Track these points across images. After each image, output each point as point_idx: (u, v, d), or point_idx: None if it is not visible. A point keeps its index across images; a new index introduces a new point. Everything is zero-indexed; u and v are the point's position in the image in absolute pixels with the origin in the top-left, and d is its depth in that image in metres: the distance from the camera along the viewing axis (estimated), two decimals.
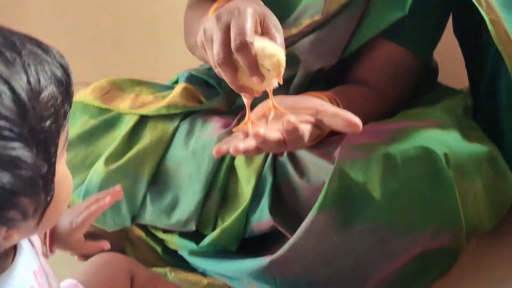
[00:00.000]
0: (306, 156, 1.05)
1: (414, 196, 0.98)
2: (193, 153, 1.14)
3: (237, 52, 0.87)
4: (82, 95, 1.25)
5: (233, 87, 0.92)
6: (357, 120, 0.90)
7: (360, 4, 1.15)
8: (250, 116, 0.97)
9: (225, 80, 0.92)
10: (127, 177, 1.15)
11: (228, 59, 0.89)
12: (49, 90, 0.64)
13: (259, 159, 1.10)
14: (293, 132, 0.88)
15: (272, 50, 0.88)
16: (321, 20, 1.15)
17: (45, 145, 0.63)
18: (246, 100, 0.96)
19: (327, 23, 1.16)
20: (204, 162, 1.13)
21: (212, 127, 1.16)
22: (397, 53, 1.19)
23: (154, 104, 1.22)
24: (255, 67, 0.87)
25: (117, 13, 2.00)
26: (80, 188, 1.16)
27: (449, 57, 1.39)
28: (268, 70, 0.87)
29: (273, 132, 0.90)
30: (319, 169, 1.03)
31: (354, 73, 1.21)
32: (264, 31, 0.92)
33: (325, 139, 1.05)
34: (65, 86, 0.66)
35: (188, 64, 1.53)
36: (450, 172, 0.99)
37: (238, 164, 1.12)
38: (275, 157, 1.09)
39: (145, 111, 1.20)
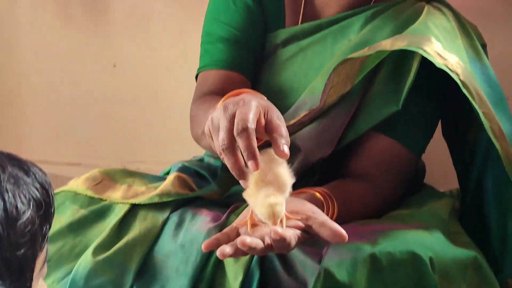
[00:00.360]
0: (294, 253, 1.06)
1: None
2: (182, 246, 1.14)
3: (237, 137, 0.90)
4: (74, 184, 1.26)
5: (234, 174, 0.94)
6: (343, 232, 0.93)
7: (357, 96, 1.20)
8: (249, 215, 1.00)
9: (228, 166, 0.94)
10: (115, 268, 1.14)
11: (231, 145, 0.92)
12: (26, 215, 0.61)
13: None
14: (280, 241, 0.90)
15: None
16: (318, 109, 1.19)
17: (20, 273, 0.61)
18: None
19: (325, 113, 1.21)
20: (192, 256, 1.12)
21: (202, 221, 1.17)
22: (392, 148, 1.22)
23: (147, 194, 1.23)
24: (252, 152, 0.90)
25: (111, 96, 2.04)
26: (66, 279, 1.15)
27: (437, 158, 1.43)
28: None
29: (260, 239, 0.92)
30: (306, 267, 1.04)
31: (349, 166, 1.24)
32: (267, 122, 0.95)
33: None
34: (45, 208, 0.64)
35: (179, 149, 1.55)
36: (435, 277, 1.00)
37: (227, 258, 1.12)
38: None
39: (138, 200, 1.22)
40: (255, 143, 0.90)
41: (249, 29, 1.32)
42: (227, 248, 0.91)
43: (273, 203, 0.91)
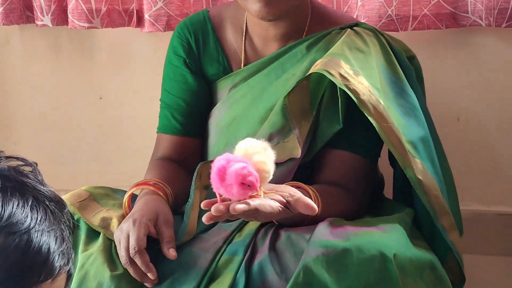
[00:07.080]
0: (288, 257, 1.18)
1: None
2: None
3: (133, 257, 1.16)
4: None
5: (137, 279, 1.17)
6: (314, 205, 1.11)
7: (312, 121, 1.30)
8: None
9: (131, 274, 1.18)
10: None
11: (130, 261, 1.17)
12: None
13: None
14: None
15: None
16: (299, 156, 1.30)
17: None
18: None
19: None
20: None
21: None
22: (351, 159, 1.33)
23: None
24: (146, 266, 1.15)
25: (97, 126, 2.10)
26: None
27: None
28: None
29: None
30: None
31: (317, 179, 1.34)
32: (158, 229, 1.20)
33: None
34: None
35: None
36: (397, 273, 1.11)
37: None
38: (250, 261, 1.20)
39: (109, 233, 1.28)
40: (147, 259, 1.16)
41: (192, 97, 1.46)
42: (220, 206, 1.07)
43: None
